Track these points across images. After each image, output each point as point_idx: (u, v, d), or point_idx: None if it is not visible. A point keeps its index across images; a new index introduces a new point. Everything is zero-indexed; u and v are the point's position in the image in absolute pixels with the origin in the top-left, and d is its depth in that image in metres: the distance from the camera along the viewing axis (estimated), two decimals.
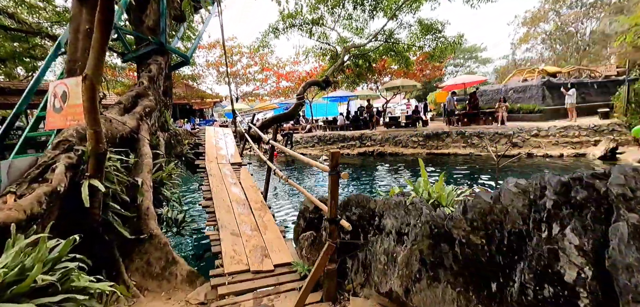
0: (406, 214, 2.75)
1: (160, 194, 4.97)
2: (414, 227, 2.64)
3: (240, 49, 32.62)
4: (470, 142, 15.23)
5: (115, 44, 7.11)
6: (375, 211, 3.04)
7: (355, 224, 3.22)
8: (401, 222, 2.76)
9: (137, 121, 4.98)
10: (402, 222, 2.75)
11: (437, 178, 3.23)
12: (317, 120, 25.79)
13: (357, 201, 3.32)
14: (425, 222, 2.58)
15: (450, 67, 46.05)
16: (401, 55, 17.66)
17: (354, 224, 3.22)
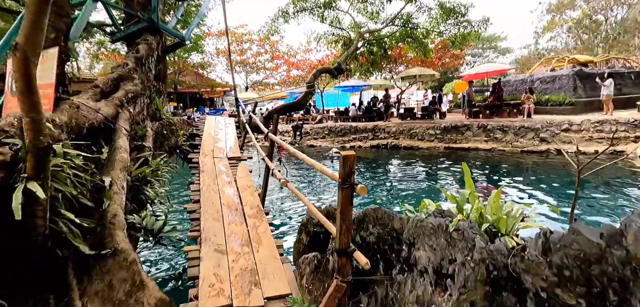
0: (449, 246, 1.91)
1: (142, 193, 4.26)
2: (463, 266, 1.81)
3: (251, 37, 31.81)
4: (493, 137, 14.11)
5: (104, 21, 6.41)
6: (402, 236, 2.21)
7: (373, 249, 2.40)
8: (442, 257, 1.92)
9: (116, 108, 4.25)
10: (443, 257, 1.92)
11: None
12: (328, 111, 24.89)
13: (376, 216, 2.50)
14: (479, 260, 1.74)
15: (468, 57, 44.14)
16: (419, 42, 16.53)
17: (372, 248, 2.40)
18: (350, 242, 1.90)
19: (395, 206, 7.76)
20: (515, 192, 8.26)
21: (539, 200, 7.51)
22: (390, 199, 8.40)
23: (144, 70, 5.53)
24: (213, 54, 32.04)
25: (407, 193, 8.75)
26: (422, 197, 8.08)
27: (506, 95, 19.19)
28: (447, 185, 9.34)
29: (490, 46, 45.43)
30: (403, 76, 19.17)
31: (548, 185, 8.66)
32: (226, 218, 3.62)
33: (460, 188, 8.67)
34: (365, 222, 2.53)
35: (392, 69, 25.11)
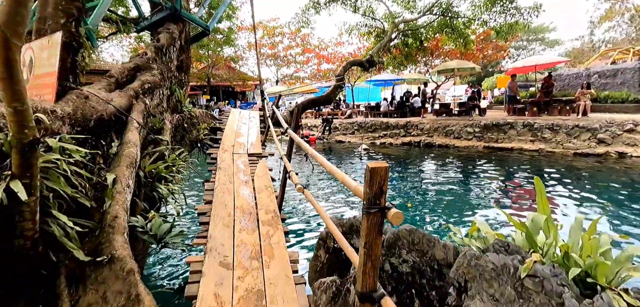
0: (522, 299, 1.34)
1: (155, 191, 4.00)
2: None
3: (282, 30, 31.68)
4: (540, 136, 12.76)
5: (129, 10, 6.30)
6: (448, 273, 1.65)
7: (406, 281, 1.87)
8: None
9: (129, 99, 4.02)
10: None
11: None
12: (358, 106, 24.16)
13: (412, 240, 1.96)
14: None
15: (511, 50, 41.09)
16: (459, 33, 15.34)
17: (405, 281, 1.87)
18: (377, 281, 1.38)
19: (428, 213, 7.07)
20: (566, 201, 7.22)
21: (595, 210, 6.47)
22: (422, 203, 7.70)
23: (165, 60, 5.30)
24: (245, 47, 32.33)
25: (442, 197, 7.99)
26: (457, 203, 7.32)
27: (556, 91, 17.43)
28: (485, 186, 8.43)
29: (537, 38, 41.93)
30: (440, 70, 17.99)
31: (608, 194, 7.50)
32: (237, 224, 3.23)
33: (502, 194, 7.76)
34: (397, 246, 2.01)
35: (427, 62, 23.81)
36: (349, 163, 12.68)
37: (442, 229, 6.06)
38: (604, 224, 5.83)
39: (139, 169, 4.01)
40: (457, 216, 6.69)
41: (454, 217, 6.62)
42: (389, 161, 12.91)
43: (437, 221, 6.50)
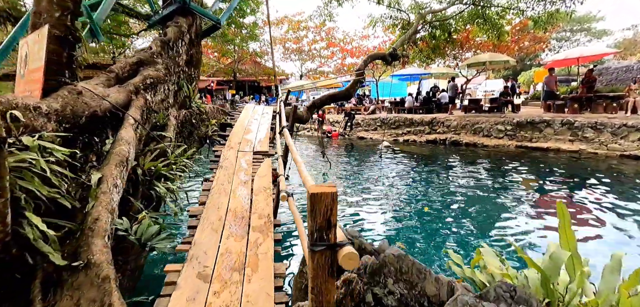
0: None
1: (153, 189, 3.90)
2: None
3: (307, 24, 31.45)
4: (581, 136, 11.62)
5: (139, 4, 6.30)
6: None
7: None
8: None
9: (128, 95, 3.93)
10: None
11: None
12: (383, 101, 23.47)
13: (400, 268, 1.64)
14: None
15: (553, 42, 38.17)
16: (492, 23, 14.29)
17: None
18: None
19: (446, 220, 6.56)
20: (607, 214, 6.40)
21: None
22: (441, 207, 7.18)
23: (172, 54, 5.21)
24: (269, 42, 32.44)
25: (464, 202, 7.41)
26: (481, 210, 6.68)
27: (602, 85, 15.90)
28: (513, 190, 7.70)
29: (582, 28, 38.58)
30: (470, 63, 16.94)
31: None
32: (227, 229, 3.03)
33: (532, 203, 7.06)
34: (382, 274, 1.68)
35: (457, 55, 22.61)
36: (367, 162, 12.24)
37: (460, 237, 5.57)
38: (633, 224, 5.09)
39: (138, 166, 3.94)
40: (477, 225, 6.14)
41: (473, 226, 6.08)
42: (411, 159, 12.34)
43: (456, 230, 6.00)
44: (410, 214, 6.72)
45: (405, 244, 5.33)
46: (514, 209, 6.73)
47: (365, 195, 8.07)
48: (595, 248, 5.12)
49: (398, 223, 6.27)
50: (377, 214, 6.75)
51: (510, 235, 5.52)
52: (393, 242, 5.27)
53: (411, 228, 6.05)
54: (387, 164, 11.59)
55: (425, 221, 6.30)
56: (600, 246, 5.18)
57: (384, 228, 6.08)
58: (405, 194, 8.15)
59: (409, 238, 5.60)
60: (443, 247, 5.11)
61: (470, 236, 5.57)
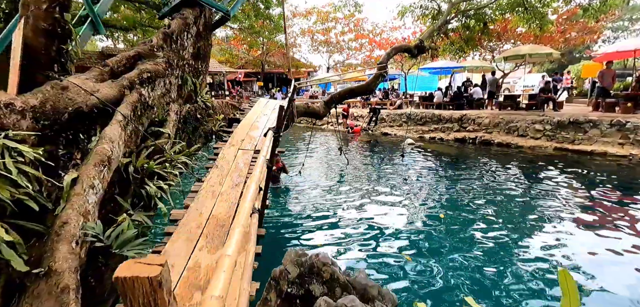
0: None
1: (143, 187, 3.79)
2: None
3: (335, 15, 30.85)
4: (633, 139, 10.29)
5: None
6: None
7: None
8: None
9: (121, 90, 3.82)
10: None
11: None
12: (412, 95, 22.50)
13: None
14: None
15: (607, 32, 34.55)
16: (534, 12, 13.00)
17: None
18: None
19: (462, 230, 5.98)
20: None
21: None
22: (458, 215, 6.59)
23: (175, 47, 5.08)
24: (298, 34, 32.25)
25: (486, 210, 6.75)
26: (505, 221, 5.92)
27: None
28: (547, 199, 6.87)
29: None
30: (507, 56, 15.64)
31: None
32: (203, 239, 2.81)
33: (569, 216, 6.24)
34: None
35: (494, 47, 21.04)
36: (389, 161, 11.68)
37: (479, 261, 5.02)
38: None
39: (130, 165, 3.84)
40: (499, 239, 5.52)
41: (496, 238, 5.47)
42: (435, 159, 11.62)
43: (472, 244, 5.43)
44: (426, 224, 6.21)
45: (417, 266, 4.90)
46: (546, 224, 5.99)
47: (380, 198, 7.63)
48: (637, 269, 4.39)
49: (412, 234, 5.80)
50: (389, 220, 6.31)
51: (540, 259, 4.87)
52: (401, 265, 4.86)
53: (425, 240, 5.57)
54: (409, 163, 10.98)
55: (442, 233, 5.77)
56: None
57: (395, 242, 5.65)
58: (424, 198, 7.60)
59: (421, 253, 5.14)
60: (460, 279, 4.58)
61: (492, 259, 4.99)
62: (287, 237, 5.73)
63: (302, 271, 2.02)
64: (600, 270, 4.46)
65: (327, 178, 9.34)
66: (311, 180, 9.12)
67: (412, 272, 4.50)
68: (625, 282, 4.22)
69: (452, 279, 4.35)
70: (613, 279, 4.27)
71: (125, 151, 3.92)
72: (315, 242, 5.48)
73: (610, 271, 4.47)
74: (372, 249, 5.21)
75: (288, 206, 7.20)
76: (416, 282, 4.27)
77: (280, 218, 6.48)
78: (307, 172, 9.61)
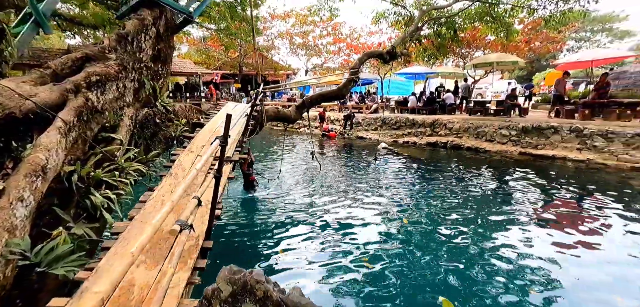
0: None
1: (88, 197, 3.57)
2: None
3: (314, 19, 30.92)
4: (590, 145, 10.86)
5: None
6: None
7: None
8: None
9: (63, 94, 3.60)
10: None
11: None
12: (388, 100, 22.84)
13: None
14: None
15: (571, 42, 36.62)
16: (501, 22, 13.53)
17: None
18: None
19: (428, 236, 6.08)
20: (614, 231, 5.83)
21: None
22: (426, 219, 6.70)
23: (131, 49, 4.87)
24: (275, 36, 32.05)
25: (452, 213, 6.91)
26: (471, 223, 6.03)
27: (619, 90, 14.93)
28: (513, 202, 7.14)
29: (603, 28, 36.93)
30: (476, 63, 16.19)
31: None
32: (144, 253, 2.66)
33: (531, 218, 6.48)
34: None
35: (465, 55, 21.75)
36: (362, 165, 11.75)
37: (448, 258, 5.10)
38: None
39: (74, 173, 3.62)
40: (465, 241, 5.65)
41: (462, 241, 5.59)
42: (407, 163, 11.81)
43: (438, 247, 5.52)
44: (392, 229, 6.26)
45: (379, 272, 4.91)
46: (511, 225, 6.18)
47: (349, 203, 7.63)
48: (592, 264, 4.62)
49: (377, 239, 5.83)
50: (355, 226, 6.32)
51: (505, 258, 5.01)
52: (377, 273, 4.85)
53: (390, 245, 5.60)
54: (381, 168, 11.10)
55: (406, 238, 5.83)
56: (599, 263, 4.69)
57: (358, 247, 5.65)
58: (393, 203, 7.68)
59: (384, 258, 5.16)
60: (432, 274, 4.65)
61: (459, 260, 5.09)
62: (248, 248, 5.61)
63: (235, 289, 1.94)
64: (558, 266, 4.71)
65: (299, 184, 9.26)
66: (283, 186, 9.02)
67: (373, 279, 4.50)
68: (579, 276, 4.46)
69: (414, 282, 4.39)
70: (569, 274, 4.51)
71: (70, 159, 3.70)
72: (277, 250, 5.39)
73: (567, 266, 4.71)
74: (334, 256, 5.17)
75: (255, 214, 7.07)
76: (376, 288, 4.27)
77: (244, 227, 6.35)
78: (279, 178, 9.50)
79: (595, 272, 4.59)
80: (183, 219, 1.98)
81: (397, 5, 14.91)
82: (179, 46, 35.85)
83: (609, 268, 4.67)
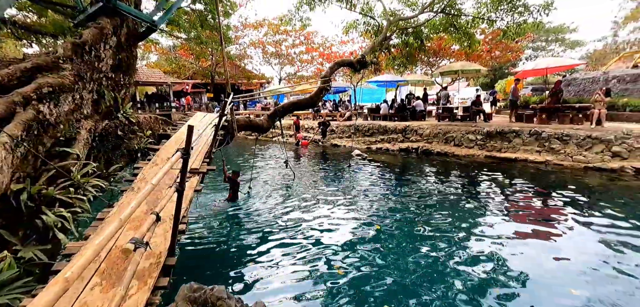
0: None
1: (39, 217, 3.33)
2: None
3: (286, 29, 31.05)
4: (548, 147, 11.60)
5: None
6: None
7: None
8: None
9: (10, 107, 3.35)
10: None
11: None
12: (361, 107, 23.24)
13: None
14: None
15: (528, 51, 39.16)
16: (463, 32, 14.27)
17: None
18: None
19: (401, 241, 6.20)
20: (573, 224, 6.24)
21: (605, 236, 5.46)
22: (399, 225, 6.84)
23: (89, 59, 4.63)
24: (246, 45, 31.81)
25: (423, 217, 7.10)
26: (440, 226, 6.20)
27: (571, 96, 16.12)
28: (480, 203, 7.46)
29: (556, 38, 39.84)
30: (443, 71, 16.89)
31: (622, 215, 6.45)
32: (98, 275, 2.50)
33: (497, 214, 6.79)
34: None
35: (433, 63, 22.65)
36: (336, 172, 11.82)
37: (419, 264, 5.20)
38: (614, 257, 4.85)
39: (24, 191, 3.36)
40: (434, 244, 5.80)
41: (432, 243, 5.74)
42: (380, 169, 12.02)
43: (410, 251, 5.63)
44: (364, 235, 6.32)
45: (350, 279, 4.92)
46: (478, 226, 6.43)
47: (322, 211, 7.63)
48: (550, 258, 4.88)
49: (349, 246, 5.85)
50: (328, 233, 6.32)
51: (472, 259, 5.19)
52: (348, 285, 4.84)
53: (362, 252, 5.64)
54: (355, 175, 11.22)
55: (379, 244, 5.90)
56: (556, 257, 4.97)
57: (330, 255, 5.64)
58: (365, 209, 7.76)
59: (356, 265, 5.19)
60: (403, 279, 4.71)
61: (428, 264, 5.20)
62: (216, 262, 5.45)
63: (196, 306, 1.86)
64: (520, 262, 4.98)
65: (273, 193, 9.15)
66: (257, 196, 8.87)
67: (344, 287, 4.50)
68: (539, 271, 4.72)
69: (385, 289, 4.43)
70: (529, 269, 4.77)
71: (18, 176, 3.44)
72: (247, 262, 5.27)
73: (527, 261, 4.98)
74: (305, 265, 5.13)
75: (226, 226, 6.89)
76: (347, 298, 4.27)
77: (214, 240, 6.17)
78: (254, 189, 9.35)
79: (552, 267, 4.87)
80: (139, 237, 1.88)
81: (366, 16, 15.32)
82: (148, 55, 34.69)
83: (564, 262, 4.97)
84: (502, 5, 12.83)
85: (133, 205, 1.74)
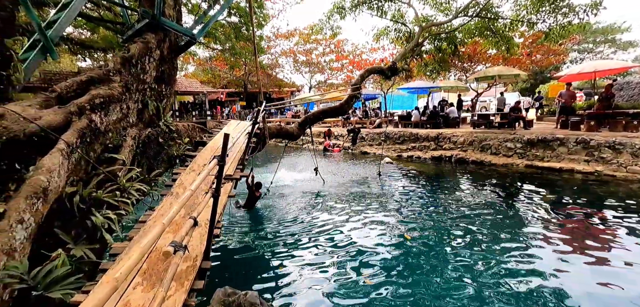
0: None
1: (89, 218, 3.59)
2: None
3: (317, 38, 31.47)
4: (597, 156, 10.70)
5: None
6: None
7: None
8: None
9: (67, 117, 3.67)
10: None
11: None
12: (392, 114, 22.92)
13: None
14: None
15: (573, 53, 36.58)
16: (501, 36, 13.63)
17: None
18: None
19: (433, 253, 5.98)
20: (628, 241, 5.68)
21: None
22: (430, 236, 6.60)
23: (135, 71, 4.98)
24: (278, 54, 32.58)
25: (457, 229, 6.80)
26: (475, 240, 5.89)
27: (624, 101, 14.81)
28: (520, 215, 7.00)
29: (606, 39, 36.86)
30: (478, 77, 16.22)
31: None
32: (140, 275, 2.65)
33: (539, 233, 6.35)
34: None
35: (468, 68, 21.84)
36: (365, 179, 11.68)
37: (451, 281, 4.99)
38: None
39: (76, 194, 3.65)
40: (470, 258, 5.53)
41: (467, 258, 5.48)
42: (411, 178, 11.72)
43: (439, 266, 5.42)
44: (394, 245, 6.17)
45: (380, 289, 4.82)
46: (518, 241, 6.05)
47: (352, 218, 7.56)
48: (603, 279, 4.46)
49: (379, 255, 5.74)
50: (359, 242, 6.24)
51: (511, 274, 4.90)
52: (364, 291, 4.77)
53: (392, 261, 5.51)
54: (385, 182, 11.03)
55: (413, 254, 5.74)
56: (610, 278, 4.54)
57: (361, 264, 5.57)
58: (396, 218, 7.59)
59: (386, 275, 5.07)
60: (434, 291, 4.56)
61: (466, 273, 4.98)
62: (247, 266, 5.56)
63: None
64: (567, 282, 4.59)
65: (301, 200, 9.23)
66: (286, 201, 9.00)
67: (373, 297, 4.41)
68: (589, 292, 4.32)
69: (414, 300, 4.29)
70: (577, 290, 4.38)
71: (72, 180, 3.74)
72: (277, 267, 5.33)
73: (576, 282, 4.58)
74: (334, 272, 5.10)
75: (256, 231, 7.04)
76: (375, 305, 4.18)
77: (244, 244, 6.32)
78: (281, 192, 9.50)
79: (602, 293, 4.42)
80: (178, 240, 1.97)
81: (397, 23, 15.13)
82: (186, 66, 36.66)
83: (616, 290, 4.49)
84: (544, 6, 12.11)
85: (175, 209, 1.83)
